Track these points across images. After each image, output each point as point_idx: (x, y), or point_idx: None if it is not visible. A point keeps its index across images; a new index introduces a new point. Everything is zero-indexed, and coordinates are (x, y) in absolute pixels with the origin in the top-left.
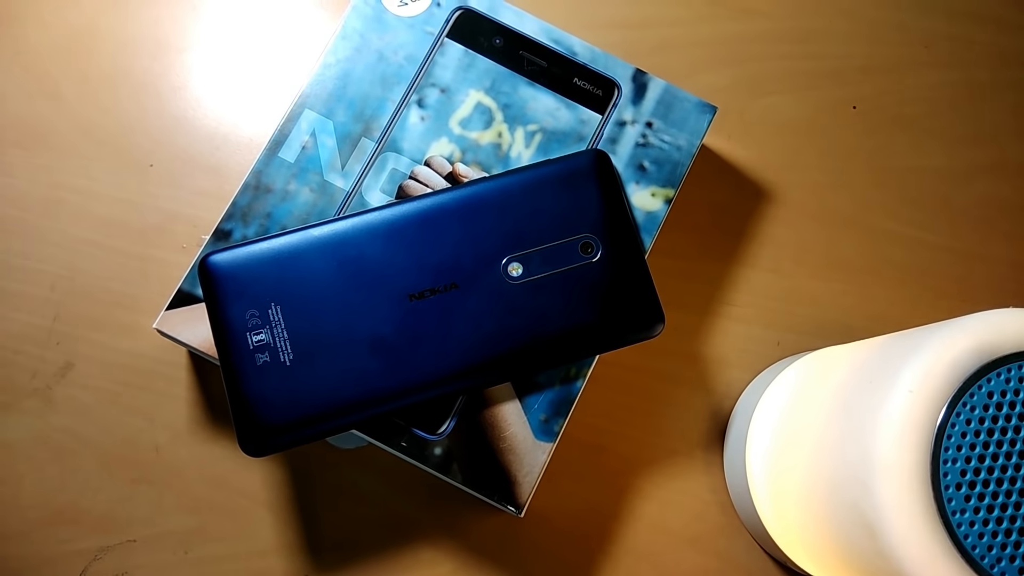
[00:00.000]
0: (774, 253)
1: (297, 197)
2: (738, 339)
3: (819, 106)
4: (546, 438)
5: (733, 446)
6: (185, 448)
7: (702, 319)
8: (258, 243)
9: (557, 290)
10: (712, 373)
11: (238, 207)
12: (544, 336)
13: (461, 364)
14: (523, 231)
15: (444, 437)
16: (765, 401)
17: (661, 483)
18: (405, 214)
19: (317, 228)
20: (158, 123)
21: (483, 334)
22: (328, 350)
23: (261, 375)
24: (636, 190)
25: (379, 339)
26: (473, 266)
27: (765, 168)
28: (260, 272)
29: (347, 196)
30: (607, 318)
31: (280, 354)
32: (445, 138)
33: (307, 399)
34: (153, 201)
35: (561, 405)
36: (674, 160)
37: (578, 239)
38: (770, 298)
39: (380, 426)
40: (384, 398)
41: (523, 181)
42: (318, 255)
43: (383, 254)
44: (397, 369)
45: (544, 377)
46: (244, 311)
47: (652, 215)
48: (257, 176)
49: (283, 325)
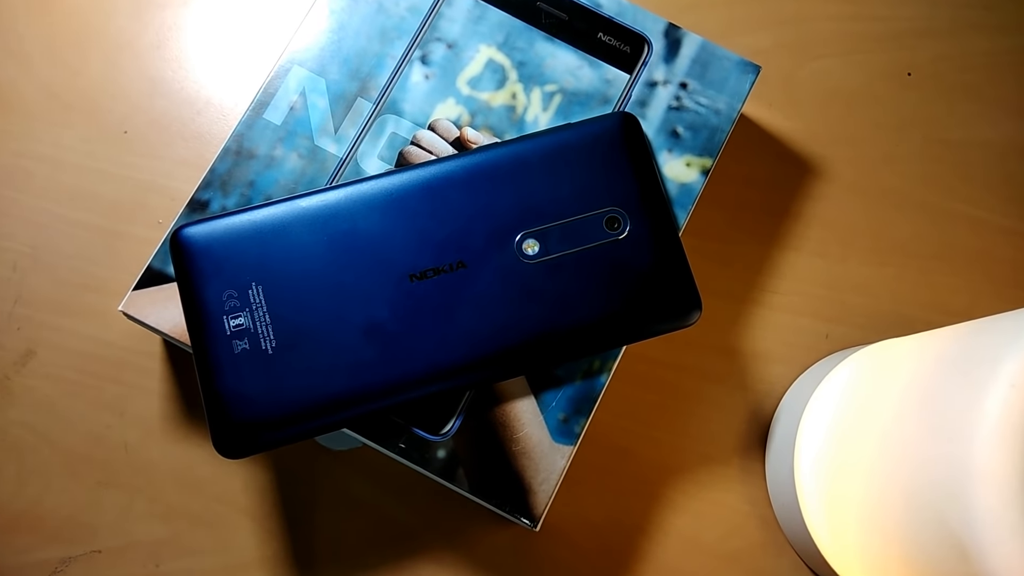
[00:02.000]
0: (820, 235)
1: (283, 164)
2: (781, 331)
3: (871, 72)
4: (565, 440)
5: (777, 452)
6: (158, 447)
7: (740, 308)
8: (238, 215)
9: (578, 271)
10: (751, 369)
11: (216, 174)
12: (563, 324)
13: (468, 355)
14: (540, 204)
15: (448, 438)
16: (816, 401)
17: (693, 493)
18: (406, 184)
19: (306, 199)
20: (133, 86)
21: (494, 321)
22: (316, 337)
23: (239, 365)
24: (668, 159)
25: (375, 325)
26: (483, 243)
27: (810, 140)
28: (240, 247)
29: (340, 163)
30: (636, 304)
31: (261, 341)
32: (452, 99)
33: (291, 393)
34: (127, 171)
35: (582, 403)
36: (712, 125)
37: (603, 213)
38: (817, 285)
39: (376, 425)
40: (380, 393)
41: (540, 148)
42: (306, 229)
43: (380, 229)
44: (395, 360)
45: (563, 371)
46: (221, 292)
47: (687, 187)
48: (239, 140)
49: (265, 308)
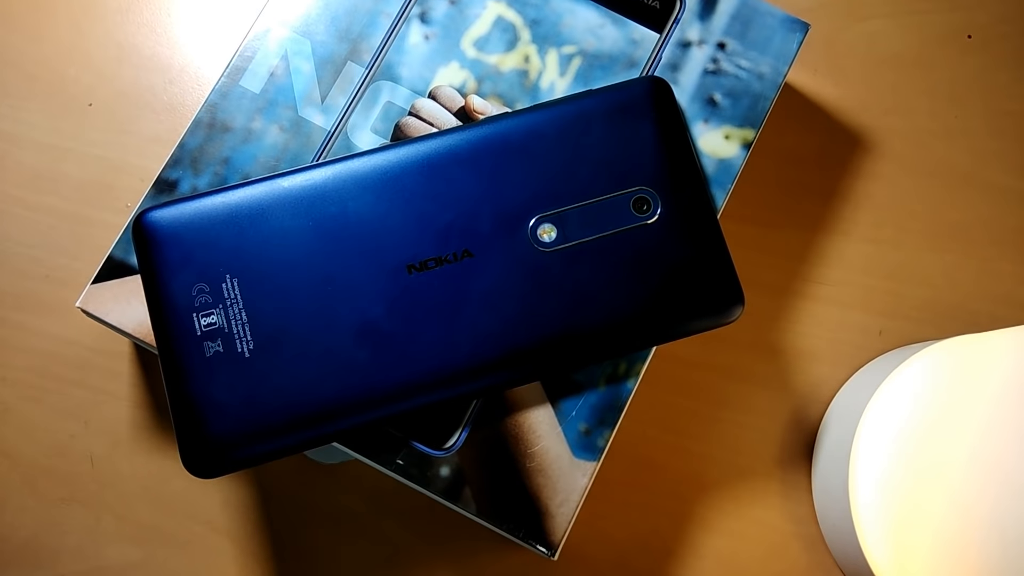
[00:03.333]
0: (873, 218)
1: (263, 138)
2: (829, 327)
3: (927, 35)
4: (587, 455)
5: (827, 464)
6: (127, 460)
7: (782, 301)
8: (211, 196)
9: (602, 260)
10: (795, 370)
11: (186, 150)
12: (585, 322)
13: (475, 358)
14: (557, 183)
15: (452, 453)
16: (877, 406)
17: (730, 510)
18: (403, 161)
19: (288, 178)
20: (99, 52)
21: (504, 318)
22: (300, 338)
23: (211, 370)
24: (704, 130)
25: (368, 324)
26: (492, 229)
27: (859, 111)
28: (213, 234)
29: (328, 137)
30: (668, 298)
31: (237, 342)
32: (456, 63)
33: (272, 402)
34: (92, 149)
35: (607, 412)
36: (754, 92)
37: (630, 193)
38: (868, 274)
39: (369, 438)
40: (374, 402)
41: (557, 119)
42: (289, 213)
43: (374, 212)
44: (391, 363)
45: (584, 376)
46: (190, 285)
47: (726, 163)
48: (212, 111)
49: (241, 304)
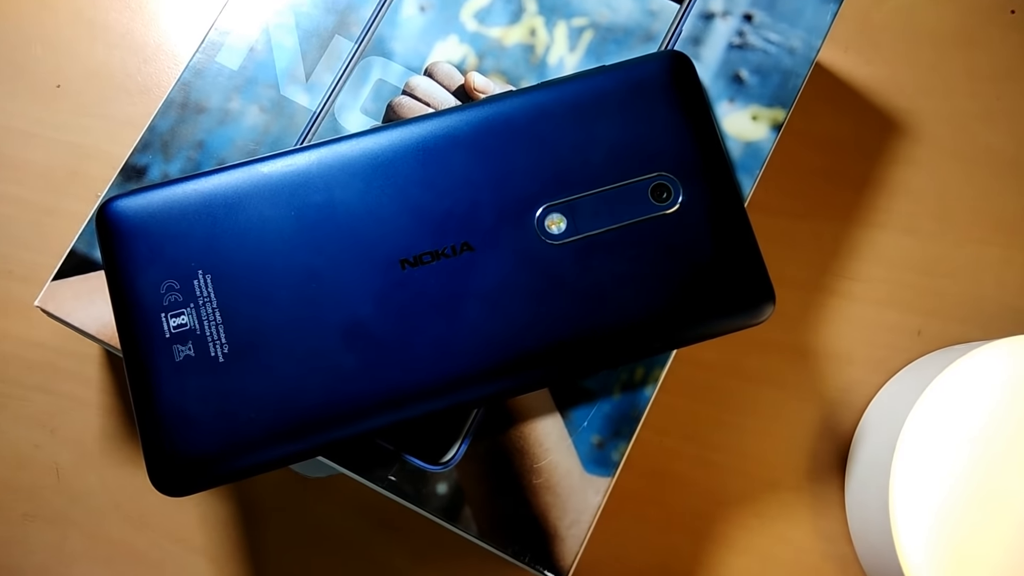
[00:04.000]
0: (909, 208)
1: (242, 119)
2: (863, 327)
3: (968, 10)
4: (600, 470)
5: (862, 477)
6: (95, 472)
7: (812, 299)
8: (183, 184)
9: (617, 254)
10: (826, 374)
11: (157, 133)
12: (598, 322)
13: (475, 363)
14: (567, 169)
15: (451, 468)
16: (919, 414)
17: (755, 527)
18: (396, 144)
19: (268, 163)
20: (69, 30)
21: (508, 319)
22: (280, 341)
23: (181, 376)
24: (730, 111)
25: (356, 325)
26: (494, 219)
27: (895, 92)
28: (184, 225)
29: (313, 118)
30: (691, 296)
31: (210, 345)
32: (454, 36)
33: (248, 413)
34: (59, 133)
35: (622, 422)
36: (784, 68)
37: (648, 180)
38: (906, 269)
39: (359, 453)
40: (363, 412)
41: (566, 98)
42: (269, 202)
43: (363, 201)
44: (383, 369)
45: (597, 382)
46: (158, 282)
47: (753, 147)
48: (185, 90)
49: (215, 303)
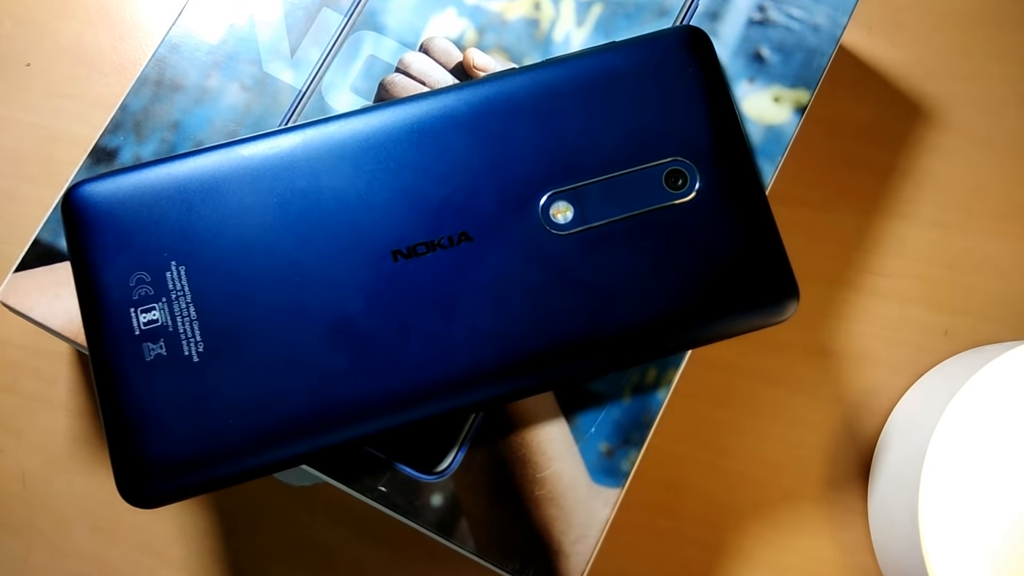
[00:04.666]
0: (936, 198)
1: (220, 98)
2: (886, 325)
3: None
4: (609, 480)
5: (887, 486)
6: (64, 479)
7: (833, 295)
8: (156, 167)
9: (628, 246)
10: (848, 375)
11: (129, 113)
12: (607, 320)
13: (474, 364)
14: (574, 153)
15: (446, 478)
16: (950, 419)
17: (771, 539)
18: (388, 126)
19: (249, 145)
20: (40, 6)
21: (509, 316)
22: (260, 339)
23: (152, 377)
24: (749, 91)
25: (344, 322)
26: (495, 207)
27: (921, 75)
28: (156, 212)
29: (299, 97)
30: (709, 291)
31: (183, 344)
32: (452, 9)
33: (225, 417)
34: (29, 115)
35: (632, 429)
36: (808, 46)
37: (662, 166)
38: (933, 264)
39: (346, 461)
40: (351, 417)
41: (574, 76)
42: (249, 188)
43: (353, 187)
44: (372, 370)
45: (606, 385)
46: (128, 274)
47: (775, 131)
48: (160, 66)
49: (189, 297)
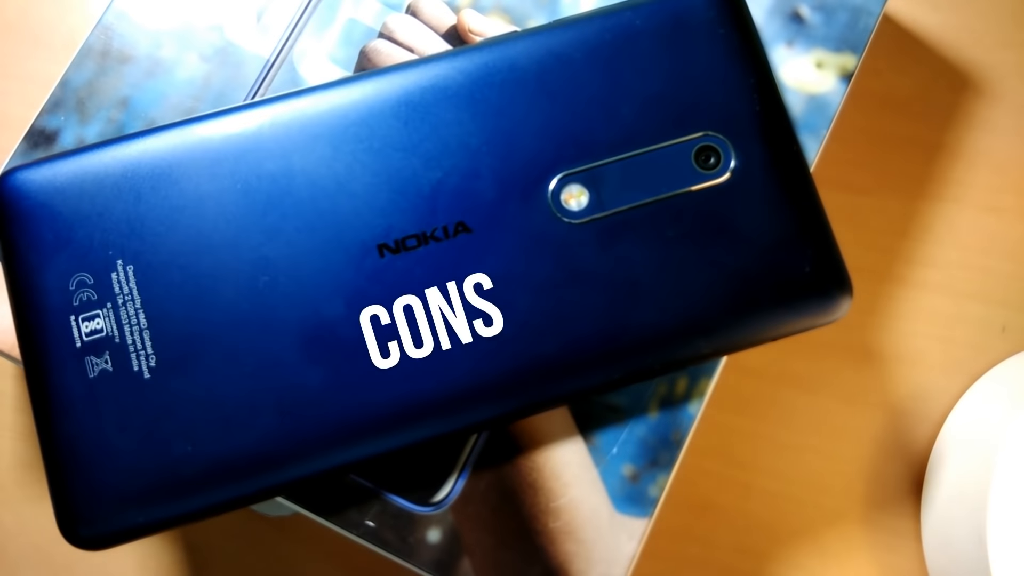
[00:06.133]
0: (990, 181)
1: (176, 70)
2: (938, 322)
3: None
4: (635, 509)
5: (943, 504)
6: (9, 510)
7: (877, 289)
8: (100, 151)
9: (653, 235)
10: (896, 380)
11: (71, 89)
12: (631, 322)
13: (476, 374)
14: (589, 129)
15: (444, 510)
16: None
17: (814, 568)
18: (371, 99)
19: (209, 123)
20: None
21: (515, 318)
22: (223, 350)
23: (96, 397)
24: (788, 56)
25: (322, 330)
26: (497, 192)
27: (970, 43)
28: (100, 203)
29: (266, 68)
30: (748, 287)
31: (132, 357)
32: None
33: (183, 444)
34: None
35: (661, 448)
36: (853, 4)
37: (691, 142)
38: (988, 254)
39: (328, 492)
40: (333, 441)
41: (586, 40)
42: (208, 173)
43: (331, 171)
44: (356, 385)
45: (628, 397)
46: (67, 275)
47: (818, 101)
48: (106, 35)
49: (138, 302)
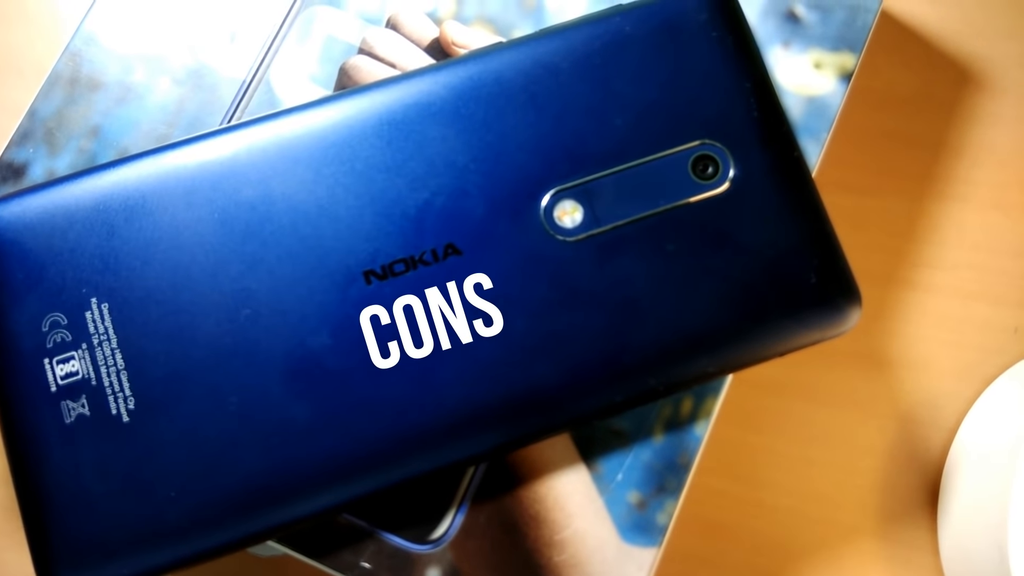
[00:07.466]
0: (996, 176)
1: (148, 95)
2: (947, 325)
3: None
4: (643, 538)
5: (961, 514)
6: None
7: (883, 293)
8: (71, 183)
9: (651, 250)
10: (906, 386)
11: (39, 119)
12: (631, 341)
13: (472, 404)
14: (580, 141)
15: (443, 547)
16: None
17: None
18: (352, 118)
19: (183, 150)
20: None
21: (510, 342)
22: (205, 390)
23: (74, 443)
24: (784, 57)
25: (307, 362)
26: (487, 211)
27: (971, 35)
28: (72, 239)
29: (242, 90)
30: (752, 302)
31: (110, 400)
32: None
33: (165, 490)
34: None
35: (667, 473)
36: (849, 3)
37: (688, 151)
38: (996, 253)
39: (319, 533)
40: (323, 481)
41: (574, 48)
42: (184, 202)
43: (312, 196)
44: (345, 420)
45: (632, 421)
46: (39, 316)
47: (817, 103)
48: (74, 61)
49: (115, 342)
